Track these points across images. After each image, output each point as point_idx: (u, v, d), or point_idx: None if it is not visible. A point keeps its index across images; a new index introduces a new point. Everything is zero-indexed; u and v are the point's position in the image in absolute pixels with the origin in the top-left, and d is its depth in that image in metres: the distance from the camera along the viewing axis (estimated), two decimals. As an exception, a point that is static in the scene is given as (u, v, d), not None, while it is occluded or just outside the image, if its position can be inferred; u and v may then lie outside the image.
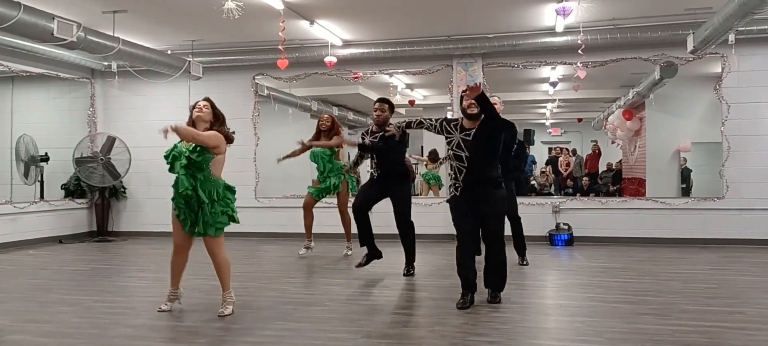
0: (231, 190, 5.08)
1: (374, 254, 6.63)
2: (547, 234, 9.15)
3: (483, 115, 5.11)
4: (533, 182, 14.12)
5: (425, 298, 5.58)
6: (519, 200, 8.66)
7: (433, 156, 11.70)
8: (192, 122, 4.92)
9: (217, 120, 4.97)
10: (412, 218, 6.49)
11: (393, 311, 5.08)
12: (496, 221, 5.21)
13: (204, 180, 4.83)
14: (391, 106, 6.60)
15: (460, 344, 4.10)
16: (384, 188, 6.44)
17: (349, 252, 7.89)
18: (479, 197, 5.12)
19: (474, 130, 5.12)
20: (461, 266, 5.21)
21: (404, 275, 6.48)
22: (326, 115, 7.91)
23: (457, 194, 5.19)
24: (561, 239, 8.97)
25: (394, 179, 6.42)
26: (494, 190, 5.16)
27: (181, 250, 5.01)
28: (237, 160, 10.41)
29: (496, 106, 6.62)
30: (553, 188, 14.13)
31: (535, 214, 9.39)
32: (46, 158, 9.90)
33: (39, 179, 9.95)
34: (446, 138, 5.25)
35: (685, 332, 4.31)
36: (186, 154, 4.77)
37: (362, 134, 6.72)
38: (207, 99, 5.01)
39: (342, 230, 7.97)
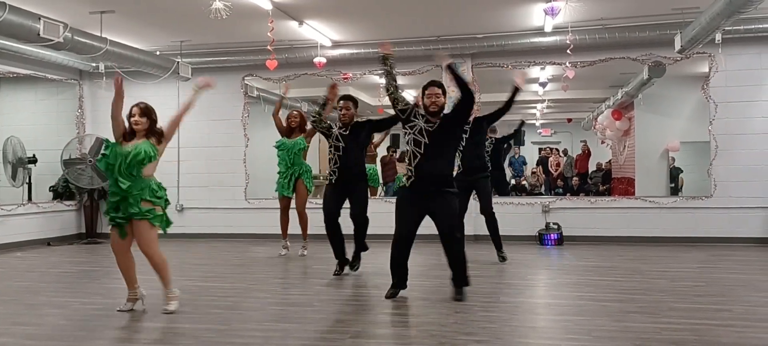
0: (162, 189, 5.06)
1: (345, 262, 6.68)
2: (537, 234, 9.17)
3: (443, 114, 5.23)
4: (524, 183, 14.17)
5: (413, 297, 5.56)
6: (503, 199, 8.74)
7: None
8: (131, 130, 4.94)
9: (154, 123, 4.98)
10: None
11: (381, 311, 5.07)
12: (447, 218, 5.19)
13: (136, 179, 4.85)
14: (356, 103, 6.59)
15: (449, 343, 4.10)
16: (344, 189, 6.46)
17: (305, 252, 8.01)
18: (428, 195, 5.16)
19: (438, 121, 5.19)
20: (394, 263, 5.33)
21: (352, 269, 6.57)
22: (295, 112, 8.07)
23: (407, 186, 5.23)
24: (551, 238, 8.99)
25: (354, 180, 6.43)
26: (444, 189, 5.19)
27: (119, 253, 4.99)
28: (227, 161, 10.42)
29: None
30: (543, 188, 14.19)
31: (525, 214, 9.42)
32: (33, 160, 9.83)
33: (27, 181, 9.88)
34: (409, 123, 5.26)
35: (673, 329, 4.33)
36: (133, 158, 4.80)
37: (332, 123, 6.62)
38: (139, 106, 4.97)
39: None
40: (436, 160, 5.14)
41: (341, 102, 6.50)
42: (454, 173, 6.11)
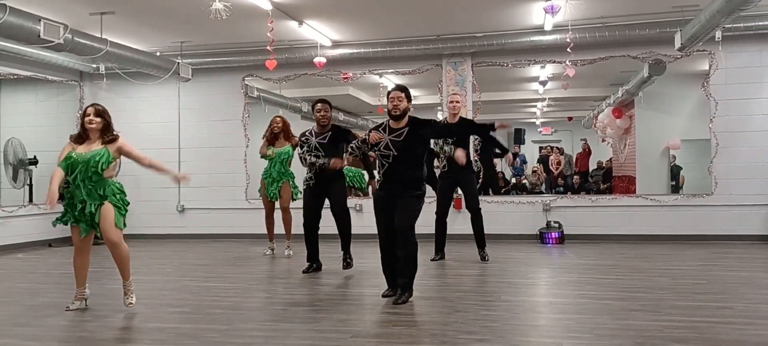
0: (121, 190, 5.17)
1: (318, 267, 6.85)
2: (538, 232, 9.16)
3: (409, 117, 5.30)
4: (525, 181, 14.17)
5: (415, 297, 5.55)
6: (503, 198, 8.73)
7: None
8: (84, 130, 5.01)
9: (108, 127, 5.05)
10: None
11: (382, 310, 5.07)
12: (402, 218, 5.22)
13: (96, 182, 4.94)
14: (331, 106, 6.74)
15: (450, 342, 4.10)
16: (322, 189, 6.59)
17: (290, 252, 8.08)
18: (394, 195, 5.24)
19: (404, 131, 5.25)
20: (384, 264, 5.41)
21: (343, 268, 6.66)
22: (278, 118, 8.11)
23: (379, 190, 5.37)
24: (552, 236, 8.98)
25: (330, 180, 6.55)
26: (409, 190, 5.24)
27: (81, 251, 5.12)
28: (227, 161, 10.42)
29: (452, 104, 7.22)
30: (544, 186, 14.17)
31: (526, 212, 9.42)
32: (34, 162, 9.84)
33: (28, 182, 9.89)
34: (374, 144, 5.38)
35: (675, 327, 4.32)
36: (91, 167, 4.89)
37: (306, 135, 6.73)
38: (95, 106, 5.07)
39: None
40: (403, 166, 5.24)
41: (319, 104, 6.63)
42: (438, 172, 6.29)
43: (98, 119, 5.00)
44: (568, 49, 8.35)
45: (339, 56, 9.62)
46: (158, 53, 9.60)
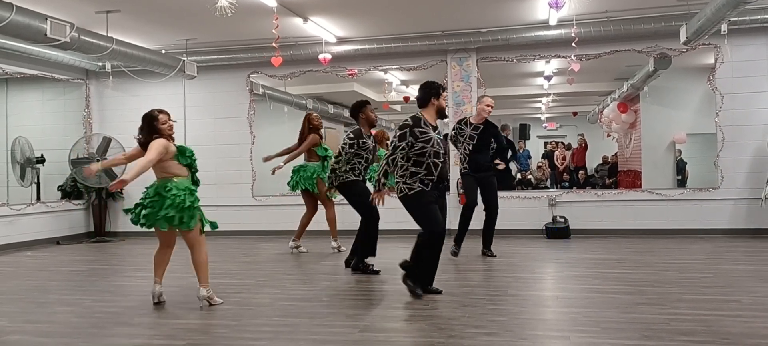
0: (189, 190, 5.43)
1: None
2: (544, 227, 9.17)
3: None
4: (530, 177, 14.17)
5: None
6: (509, 193, 8.75)
7: None
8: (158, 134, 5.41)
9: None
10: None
11: (390, 305, 5.09)
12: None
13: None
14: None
15: (458, 336, 4.12)
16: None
17: (338, 248, 7.96)
18: (442, 193, 5.38)
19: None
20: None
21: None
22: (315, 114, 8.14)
23: (426, 189, 5.17)
24: (557, 231, 8.98)
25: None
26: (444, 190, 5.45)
27: (163, 246, 5.32)
28: (233, 159, 10.45)
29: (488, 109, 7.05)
30: (549, 181, 14.17)
31: (531, 207, 9.43)
32: (41, 160, 9.88)
33: (35, 180, 9.93)
34: (421, 138, 5.13)
35: (681, 320, 4.33)
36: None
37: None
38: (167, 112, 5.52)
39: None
40: (446, 165, 5.38)
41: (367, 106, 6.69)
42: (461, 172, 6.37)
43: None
44: (573, 44, 8.35)
45: (344, 53, 9.63)
46: (164, 51, 9.62)
